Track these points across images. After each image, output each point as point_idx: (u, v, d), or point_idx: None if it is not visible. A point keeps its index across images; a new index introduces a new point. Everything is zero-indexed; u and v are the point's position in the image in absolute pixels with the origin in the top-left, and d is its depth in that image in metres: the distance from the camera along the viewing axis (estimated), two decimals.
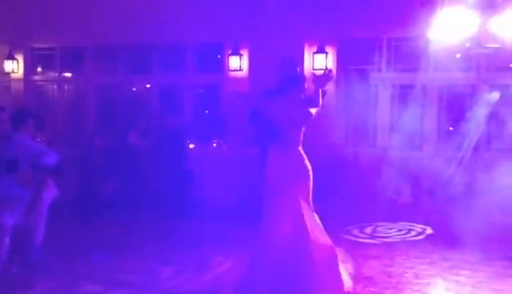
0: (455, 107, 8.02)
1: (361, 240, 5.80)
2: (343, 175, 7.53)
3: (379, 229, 6.23)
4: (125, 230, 6.10)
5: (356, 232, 6.09)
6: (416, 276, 4.50)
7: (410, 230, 6.15)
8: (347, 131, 8.51)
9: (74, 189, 7.02)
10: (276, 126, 3.96)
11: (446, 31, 6.56)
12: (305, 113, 3.99)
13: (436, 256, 5.04)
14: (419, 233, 6.01)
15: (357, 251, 5.22)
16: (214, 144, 7.93)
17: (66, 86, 10.20)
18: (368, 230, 6.17)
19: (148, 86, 9.78)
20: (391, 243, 5.55)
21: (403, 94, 8.40)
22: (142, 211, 6.94)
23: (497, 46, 6.76)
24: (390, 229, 6.24)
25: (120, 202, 7.08)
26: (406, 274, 4.54)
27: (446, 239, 5.45)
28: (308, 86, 4.10)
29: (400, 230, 6.16)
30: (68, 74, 10.13)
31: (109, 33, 8.92)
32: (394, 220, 6.51)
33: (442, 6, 6.43)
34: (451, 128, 8.08)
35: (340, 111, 8.44)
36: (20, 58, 9.91)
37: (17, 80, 9.97)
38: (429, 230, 6.08)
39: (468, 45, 6.78)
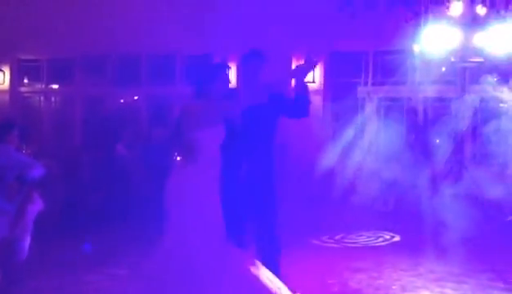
0: (440, 119, 8.13)
1: (326, 245, 6.07)
2: (329, 186, 7.61)
3: (349, 235, 6.40)
4: (112, 243, 6.04)
5: (325, 238, 6.29)
6: (403, 289, 4.51)
7: (378, 237, 6.34)
8: (334, 142, 8.57)
9: (61, 202, 6.94)
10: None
11: (431, 45, 6.72)
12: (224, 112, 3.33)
13: (422, 269, 5.06)
14: (386, 240, 6.24)
15: (344, 263, 5.23)
16: None
17: (53, 98, 10.15)
18: (338, 237, 6.34)
19: (136, 97, 9.77)
20: (380, 257, 5.56)
21: (389, 106, 8.52)
22: (130, 223, 6.88)
23: (481, 60, 6.93)
24: (360, 236, 6.41)
25: (107, 214, 7.02)
26: (394, 287, 4.55)
27: (432, 251, 5.49)
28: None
29: (369, 237, 6.33)
30: (55, 86, 10.09)
31: (97, 44, 8.92)
32: (371, 229, 6.65)
33: (426, 21, 6.57)
34: (437, 140, 8.19)
35: (327, 123, 8.51)
36: (7, 69, 9.85)
37: (3, 92, 9.90)
38: (397, 238, 6.31)
39: (452, 59, 6.94)
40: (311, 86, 8.88)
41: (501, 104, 7.34)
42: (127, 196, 7.33)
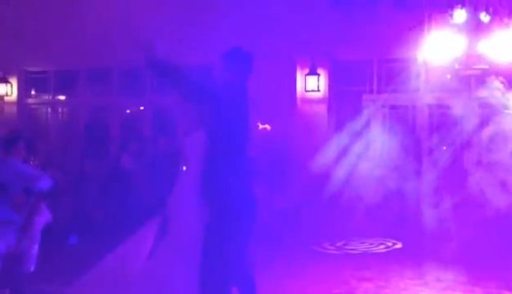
0: (446, 126, 8.12)
1: (327, 251, 6.17)
2: (335, 193, 7.62)
3: (351, 242, 6.50)
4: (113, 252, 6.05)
5: (326, 244, 6.38)
6: None
7: (380, 244, 6.41)
8: (338, 150, 8.57)
9: (67, 213, 6.98)
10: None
11: (436, 53, 6.72)
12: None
13: (429, 277, 5.04)
14: (388, 247, 6.34)
15: (348, 271, 5.22)
16: None
17: (60, 109, 10.22)
18: (339, 243, 6.43)
19: (142, 108, 9.83)
20: (385, 265, 5.55)
21: (394, 114, 8.51)
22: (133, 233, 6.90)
23: (486, 67, 6.92)
24: (361, 242, 6.47)
25: (112, 225, 7.05)
26: None
27: (437, 258, 5.48)
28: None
29: (370, 244, 6.40)
30: (61, 97, 10.17)
31: (102, 55, 9.00)
32: (373, 235, 6.71)
33: (430, 29, 6.58)
34: (444, 147, 8.17)
35: (332, 131, 8.51)
36: (14, 81, 9.94)
37: (10, 103, 9.99)
38: (399, 245, 6.39)
39: (456, 66, 6.94)
40: (315, 94, 8.98)
41: (506, 111, 7.32)
42: (133, 206, 7.35)
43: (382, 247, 6.34)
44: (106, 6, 8.94)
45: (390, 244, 6.42)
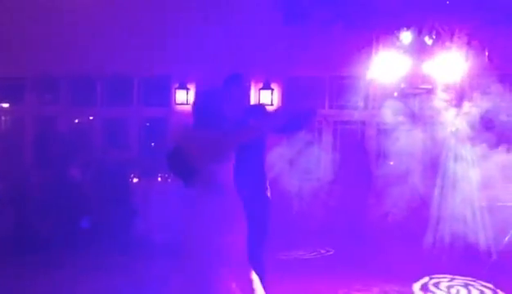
0: (392, 142, 8.44)
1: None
2: (287, 207, 7.71)
3: (284, 251, 6.63)
4: (63, 269, 5.84)
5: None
6: None
7: (313, 252, 6.71)
8: (291, 164, 8.70)
9: (9, 226, 6.67)
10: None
11: (383, 72, 7.02)
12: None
13: (376, 289, 5.18)
14: (319, 254, 6.65)
15: (293, 285, 5.26)
16: (159, 179, 7.84)
17: (3, 118, 9.80)
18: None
19: (91, 118, 9.58)
20: (333, 277, 5.66)
21: (345, 129, 8.78)
22: (82, 248, 6.69)
23: (429, 87, 7.29)
24: (296, 250, 6.73)
25: (58, 239, 6.80)
26: None
27: (383, 271, 5.66)
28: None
29: (304, 252, 6.65)
30: (5, 105, 9.76)
31: (50, 62, 8.73)
32: (309, 245, 6.94)
33: (377, 50, 6.87)
34: (391, 163, 8.48)
35: (284, 146, 8.64)
36: None
37: None
38: (332, 252, 6.72)
39: (402, 85, 7.27)
40: (269, 108, 9.07)
41: (449, 129, 7.70)
42: (79, 220, 7.13)
43: (314, 253, 6.60)
44: (55, 12, 8.71)
45: (323, 251, 6.69)
